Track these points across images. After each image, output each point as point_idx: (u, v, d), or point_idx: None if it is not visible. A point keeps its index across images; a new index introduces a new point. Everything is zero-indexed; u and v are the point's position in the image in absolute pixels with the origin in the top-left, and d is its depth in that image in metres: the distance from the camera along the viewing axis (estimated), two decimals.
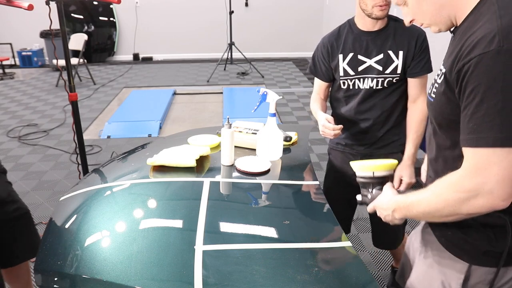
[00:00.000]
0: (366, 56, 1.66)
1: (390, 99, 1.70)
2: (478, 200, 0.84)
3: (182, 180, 1.47)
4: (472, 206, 0.85)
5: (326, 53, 1.74)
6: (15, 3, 1.79)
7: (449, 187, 0.89)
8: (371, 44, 1.65)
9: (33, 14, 3.68)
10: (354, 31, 1.70)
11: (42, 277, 1.06)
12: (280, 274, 0.99)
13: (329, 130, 1.59)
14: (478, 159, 0.83)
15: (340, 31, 1.75)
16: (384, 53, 1.63)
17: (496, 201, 0.83)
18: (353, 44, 1.68)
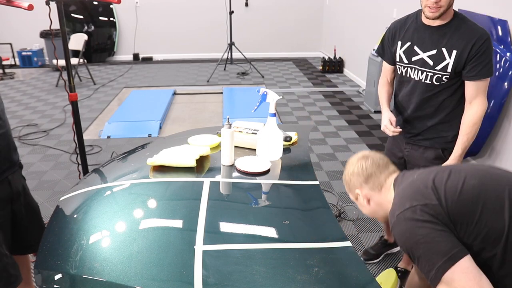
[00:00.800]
0: (420, 49, 1.71)
1: (439, 96, 1.73)
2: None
3: (182, 180, 1.47)
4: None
5: (391, 37, 1.84)
6: (15, 3, 1.79)
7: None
8: (428, 38, 1.70)
9: (33, 14, 3.68)
10: (418, 22, 1.75)
11: (42, 277, 1.06)
12: (280, 274, 0.99)
13: (389, 130, 1.78)
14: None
15: (407, 19, 1.81)
16: (438, 49, 1.67)
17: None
18: (412, 34, 1.74)
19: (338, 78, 6.46)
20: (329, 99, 5.30)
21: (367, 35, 5.62)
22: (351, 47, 6.31)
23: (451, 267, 0.98)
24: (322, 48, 8.13)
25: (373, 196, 1.28)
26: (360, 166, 1.29)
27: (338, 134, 4.09)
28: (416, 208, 1.05)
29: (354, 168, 1.31)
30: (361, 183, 1.28)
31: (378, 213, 1.30)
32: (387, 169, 1.28)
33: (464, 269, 0.97)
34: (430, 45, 1.69)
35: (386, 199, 1.24)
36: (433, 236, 1.00)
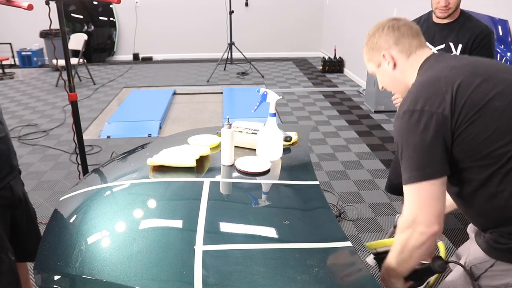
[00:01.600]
0: (431, 44, 1.89)
1: None
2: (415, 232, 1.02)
3: (182, 180, 1.47)
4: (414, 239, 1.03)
5: None
6: (15, 3, 1.78)
7: (398, 230, 1.08)
8: (438, 34, 1.89)
9: (33, 14, 3.68)
10: (429, 21, 1.94)
11: (42, 277, 1.06)
12: (280, 274, 0.98)
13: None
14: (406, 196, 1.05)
15: (421, 19, 2.00)
16: (446, 44, 1.86)
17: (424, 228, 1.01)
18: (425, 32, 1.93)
19: (338, 78, 6.46)
20: (329, 99, 5.30)
21: None
22: (351, 47, 6.31)
23: (415, 183, 1.01)
24: (322, 48, 8.13)
25: (399, 61, 1.15)
26: (391, 25, 1.16)
27: (338, 134, 4.09)
28: (424, 113, 0.99)
29: (383, 27, 1.17)
30: (391, 44, 1.15)
31: (398, 86, 1.19)
32: (420, 37, 1.16)
33: (428, 189, 1.00)
34: (439, 41, 1.87)
35: (406, 73, 1.15)
36: (423, 146, 1.00)
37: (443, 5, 1.80)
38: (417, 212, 1.01)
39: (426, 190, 1.01)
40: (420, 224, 1.01)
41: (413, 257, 1.06)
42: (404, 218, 1.04)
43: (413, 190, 1.02)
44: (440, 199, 1.01)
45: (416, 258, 1.07)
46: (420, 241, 1.02)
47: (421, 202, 1.01)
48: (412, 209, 1.03)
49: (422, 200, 1.01)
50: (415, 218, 1.02)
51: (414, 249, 1.04)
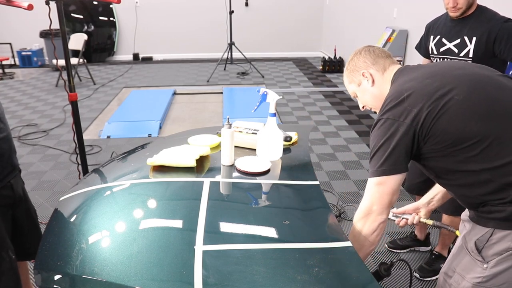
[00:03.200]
0: (448, 40, 1.96)
1: None
2: (368, 220, 1.19)
3: (182, 180, 1.47)
4: (366, 227, 1.20)
5: (426, 33, 2.12)
6: (15, 2, 1.78)
7: (354, 221, 1.23)
8: (453, 29, 1.94)
9: (33, 14, 3.68)
10: (447, 17, 1.99)
11: (42, 277, 1.06)
12: (280, 274, 0.98)
13: None
14: (367, 188, 1.21)
15: (440, 17, 2.07)
16: (461, 38, 1.91)
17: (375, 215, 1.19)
18: (442, 28, 2.00)
19: (338, 78, 6.46)
20: (329, 99, 5.30)
21: (367, 35, 5.62)
22: (351, 47, 6.31)
23: (381, 176, 1.16)
24: (322, 48, 8.13)
25: (376, 77, 1.32)
26: (367, 50, 1.36)
27: (338, 134, 4.09)
28: (388, 121, 1.16)
29: (361, 51, 1.36)
30: (369, 64, 1.33)
31: (376, 102, 1.33)
32: (391, 58, 1.36)
33: (387, 183, 1.16)
34: (455, 36, 1.93)
35: (382, 88, 1.31)
36: (389, 148, 1.15)
37: (452, 5, 1.85)
38: (374, 201, 1.18)
39: (388, 183, 1.16)
40: (373, 212, 1.18)
41: (364, 245, 1.21)
42: (361, 209, 1.21)
43: (377, 182, 1.17)
44: (396, 193, 1.18)
45: (368, 246, 1.21)
46: (371, 228, 1.19)
47: (381, 193, 1.17)
48: (370, 199, 1.19)
49: (383, 192, 1.17)
50: (371, 208, 1.18)
51: (366, 237, 1.20)
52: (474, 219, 1.21)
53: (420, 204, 1.51)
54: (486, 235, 1.16)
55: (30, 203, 1.64)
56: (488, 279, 1.17)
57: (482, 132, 1.08)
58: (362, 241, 1.21)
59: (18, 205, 1.53)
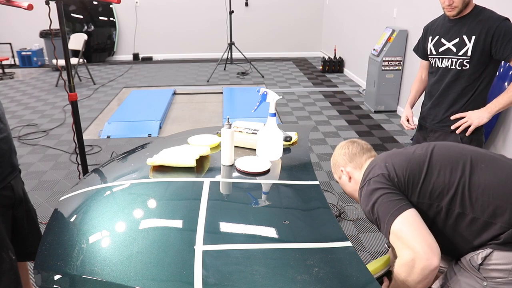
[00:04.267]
0: (446, 39, 1.97)
1: (461, 82, 1.94)
2: (417, 266, 1.07)
3: (182, 180, 1.47)
4: (417, 273, 1.08)
5: (424, 35, 2.13)
6: (15, 2, 1.78)
7: (398, 268, 1.13)
8: (452, 29, 1.95)
9: (32, 14, 3.68)
10: (445, 18, 2.00)
11: (42, 277, 1.06)
12: (280, 274, 0.98)
13: (404, 125, 2.15)
14: (396, 241, 1.14)
15: (438, 18, 2.08)
16: (459, 37, 1.91)
17: (424, 260, 1.06)
18: (440, 29, 2.01)
19: (338, 78, 6.46)
20: (329, 99, 5.30)
21: (367, 35, 5.62)
22: (351, 47, 6.31)
23: (396, 218, 1.14)
24: (322, 48, 8.13)
25: (354, 174, 1.42)
26: (347, 147, 1.46)
27: (338, 134, 4.09)
28: (371, 180, 1.25)
29: (342, 149, 1.47)
30: (346, 162, 1.44)
31: (354, 193, 1.43)
32: (369, 152, 1.45)
33: (406, 219, 1.13)
34: (453, 35, 1.93)
35: (359, 183, 1.38)
36: (383, 198, 1.19)
37: (447, 4, 1.85)
38: (413, 245, 1.08)
39: (410, 217, 1.14)
40: (420, 259, 1.07)
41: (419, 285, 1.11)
42: (404, 258, 1.10)
43: (400, 224, 1.13)
44: (424, 226, 1.13)
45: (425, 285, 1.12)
46: (422, 276, 1.07)
47: (413, 231, 1.11)
48: (407, 244, 1.10)
49: (413, 229, 1.11)
50: (414, 255, 1.08)
51: (417, 283, 1.09)
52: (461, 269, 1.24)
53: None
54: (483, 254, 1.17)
55: (30, 203, 1.64)
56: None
57: None
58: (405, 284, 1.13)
59: (18, 205, 1.53)
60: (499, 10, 1.95)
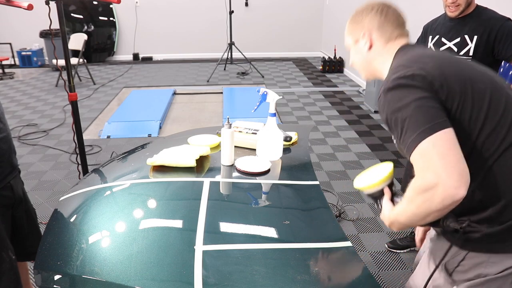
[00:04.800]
0: (447, 39, 1.96)
1: None
2: (438, 193, 0.89)
3: (182, 180, 1.47)
4: (437, 201, 0.90)
5: (423, 34, 2.11)
6: (15, 2, 1.78)
7: (414, 191, 0.94)
8: (453, 29, 1.93)
9: (32, 14, 3.68)
10: (446, 17, 1.99)
11: (42, 277, 1.06)
12: (280, 274, 0.98)
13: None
14: (418, 162, 0.93)
15: (438, 18, 2.06)
16: (461, 37, 1.90)
17: (457, 186, 0.87)
18: (441, 28, 2.00)
19: (338, 78, 6.46)
20: (329, 99, 5.30)
21: None
22: None
23: (428, 137, 0.91)
24: (322, 48, 8.13)
25: (376, 44, 1.17)
26: (381, 9, 1.18)
27: (338, 134, 4.09)
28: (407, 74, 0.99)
29: (373, 7, 1.19)
30: (374, 26, 1.17)
31: (366, 67, 1.22)
32: (402, 28, 1.19)
33: (440, 139, 0.91)
34: (455, 35, 1.92)
35: (377, 59, 1.18)
36: (417, 105, 0.95)
37: (451, 1, 1.84)
38: (440, 171, 0.88)
39: (444, 139, 0.91)
40: (445, 186, 0.88)
41: (428, 218, 0.95)
42: (425, 179, 0.91)
43: (431, 144, 0.91)
44: (460, 151, 0.91)
45: (432, 219, 0.96)
46: (443, 206, 0.90)
47: (442, 157, 0.89)
48: (433, 168, 0.89)
49: (443, 154, 0.89)
50: (438, 180, 0.88)
51: (433, 212, 0.93)
52: (447, 237, 1.12)
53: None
54: (458, 258, 1.08)
55: (30, 203, 1.64)
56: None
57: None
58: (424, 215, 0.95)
59: (17, 205, 1.53)
60: (500, 10, 1.95)
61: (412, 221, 1.00)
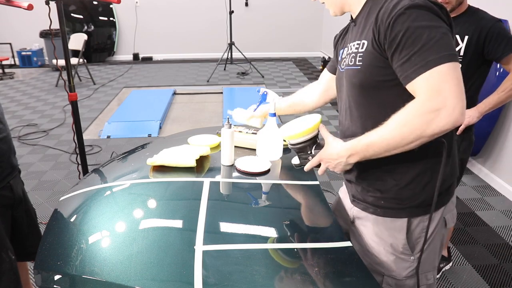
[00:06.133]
0: None
1: None
2: (442, 117, 0.91)
3: (182, 180, 1.47)
4: (437, 125, 0.92)
5: None
6: (15, 2, 1.78)
7: (412, 113, 0.94)
8: None
9: (33, 14, 3.68)
10: None
11: (42, 277, 1.06)
12: (280, 274, 0.98)
13: None
14: (431, 81, 0.92)
15: None
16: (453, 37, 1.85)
17: (458, 115, 0.91)
18: None
19: None
20: None
21: None
22: None
23: (450, 62, 0.92)
24: (322, 48, 8.13)
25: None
26: None
27: (338, 134, 4.09)
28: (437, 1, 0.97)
29: None
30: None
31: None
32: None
33: (456, 68, 0.92)
34: None
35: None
36: (445, 31, 0.94)
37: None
38: (455, 94, 0.90)
39: (458, 70, 0.92)
40: (454, 111, 0.90)
41: (411, 145, 0.97)
42: (433, 101, 0.91)
43: (450, 68, 0.91)
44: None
45: (414, 146, 0.97)
46: (443, 129, 0.92)
47: (458, 82, 0.91)
48: (446, 93, 0.90)
49: (459, 80, 0.92)
50: (451, 104, 0.90)
51: (428, 135, 0.94)
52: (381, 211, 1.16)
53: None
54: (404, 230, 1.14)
55: (30, 204, 1.64)
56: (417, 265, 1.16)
57: None
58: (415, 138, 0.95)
59: (17, 205, 1.53)
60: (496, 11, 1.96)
61: (388, 149, 1.00)
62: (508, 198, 2.97)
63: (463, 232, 2.57)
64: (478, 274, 2.22)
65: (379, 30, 0.99)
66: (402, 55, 0.96)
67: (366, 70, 1.06)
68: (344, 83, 1.19)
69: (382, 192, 1.15)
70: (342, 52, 1.24)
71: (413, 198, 1.12)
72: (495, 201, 2.94)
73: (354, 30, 1.19)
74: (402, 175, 1.11)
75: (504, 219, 2.72)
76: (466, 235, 2.55)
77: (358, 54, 1.09)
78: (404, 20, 0.94)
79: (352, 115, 1.20)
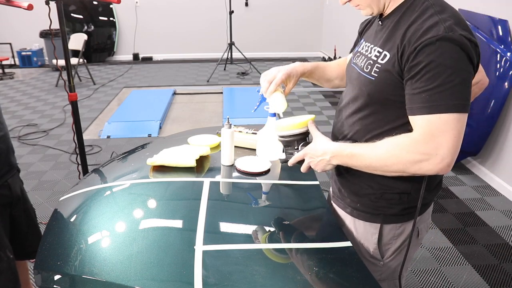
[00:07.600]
0: None
1: None
2: (429, 163, 0.92)
3: (182, 180, 1.47)
4: (421, 168, 0.94)
5: None
6: (14, 2, 1.78)
7: (403, 147, 0.95)
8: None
9: (32, 14, 3.68)
10: None
11: (42, 277, 1.06)
12: (280, 274, 0.98)
13: None
14: (432, 125, 0.92)
15: None
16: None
17: (444, 166, 0.92)
18: None
19: None
20: (329, 99, 5.30)
21: None
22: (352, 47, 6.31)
23: (460, 112, 0.90)
24: (322, 48, 8.13)
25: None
26: None
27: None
28: (472, 39, 0.92)
29: None
30: None
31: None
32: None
33: (462, 121, 0.91)
34: None
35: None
36: (467, 77, 0.91)
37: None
38: (449, 146, 0.91)
39: (462, 123, 0.91)
40: (443, 162, 0.91)
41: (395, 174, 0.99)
42: (427, 145, 0.92)
43: (455, 119, 0.90)
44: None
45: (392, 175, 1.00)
46: (425, 173, 0.95)
47: (457, 135, 0.91)
48: (445, 141, 0.91)
49: (459, 133, 0.91)
50: (443, 154, 0.91)
51: (409, 173, 0.96)
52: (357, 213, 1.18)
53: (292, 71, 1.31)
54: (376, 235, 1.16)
55: (29, 203, 1.64)
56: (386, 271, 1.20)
57: None
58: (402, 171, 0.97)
59: (16, 204, 1.53)
60: (496, 11, 1.95)
61: (368, 168, 1.02)
62: (508, 198, 2.97)
63: (463, 232, 2.57)
64: (478, 274, 2.22)
65: (403, 50, 0.96)
66: (415, 85, 0.94)
67: (379, 84, 1.04)
68: (355, 82, 1.16)
69: (359, 197, 1.17)
70: (361, 44, 1.21)
71: (388, 207, 1.14)
72: (495, 201, 2.94)
73: (379, 30, 1.11)
74: (380, 185, 1.12)
75: (504, 219, 2.73)
76: (466, 235, 2.55)
77: (376, 64, 1.05)
78: (430, 51, 0.90)
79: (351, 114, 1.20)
